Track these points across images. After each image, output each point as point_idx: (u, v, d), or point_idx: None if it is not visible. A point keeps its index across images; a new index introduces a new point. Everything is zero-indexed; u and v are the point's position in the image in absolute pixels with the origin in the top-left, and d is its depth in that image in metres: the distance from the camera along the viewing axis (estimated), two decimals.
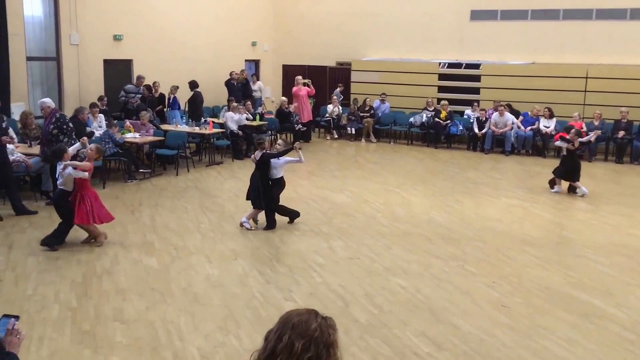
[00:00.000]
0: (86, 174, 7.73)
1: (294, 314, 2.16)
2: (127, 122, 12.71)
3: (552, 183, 11.36)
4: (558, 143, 11.24)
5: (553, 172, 11.31)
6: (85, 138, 9.03)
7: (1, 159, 9.15)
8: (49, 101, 10.05)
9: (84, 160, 8.10)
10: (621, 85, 14.76)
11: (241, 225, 8.79)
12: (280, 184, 8.96)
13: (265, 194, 8.74)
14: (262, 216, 8.93)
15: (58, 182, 7.82)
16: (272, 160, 8.76)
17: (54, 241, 7.81)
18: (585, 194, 10.88)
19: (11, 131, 10.36)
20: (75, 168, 7.70)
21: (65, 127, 9.69)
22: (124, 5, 14.68)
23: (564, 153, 11.28)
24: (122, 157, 11.66)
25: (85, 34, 13.82)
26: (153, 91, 14.57)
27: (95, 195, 7.99)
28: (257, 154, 8.80)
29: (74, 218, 7.76)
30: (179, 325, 5.78)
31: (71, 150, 8.29)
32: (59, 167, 7.76)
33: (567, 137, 11.12)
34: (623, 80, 14.76)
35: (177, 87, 14.87)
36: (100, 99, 13.53)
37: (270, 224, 8.83)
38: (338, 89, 17.94)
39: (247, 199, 8.94)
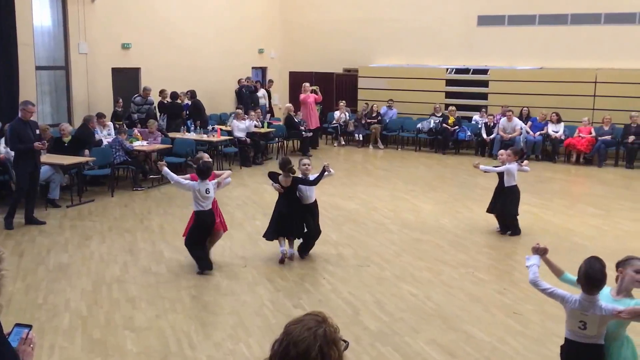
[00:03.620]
0: (229, 179, 7.72)
1: (294, 321, 2.11)
2: (136, 130, 12.75)
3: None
4: (483, 167, 9.17)
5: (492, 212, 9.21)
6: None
7: (34, 165, 9.18)
8: None
9: None
10: (631, 90, 14.67)
11: (283, 259, 7.66)
12: (316, 207, 7.92)
13: (304, 221, 7.73)
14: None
15: (204, 203, 7.18)
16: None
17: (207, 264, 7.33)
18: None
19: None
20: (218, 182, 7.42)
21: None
22: (132, 14, 14.76)
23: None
24: (130, 165, 11.68)
25: (94, 43, 13.90)
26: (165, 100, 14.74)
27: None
28: (286, 180, 7.60)
29: (224, 228, 7.68)
30: (189, 334, 5.76)
31: None
32: (213, 186, 7.25)
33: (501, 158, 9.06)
34: (633, 84, 14.67)
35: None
36: (116, 101, 13.72)
37: (305, 250, 7.91)
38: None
39: (268, 237, 7.73)
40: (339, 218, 9.74)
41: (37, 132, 9.32)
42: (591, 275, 3.90)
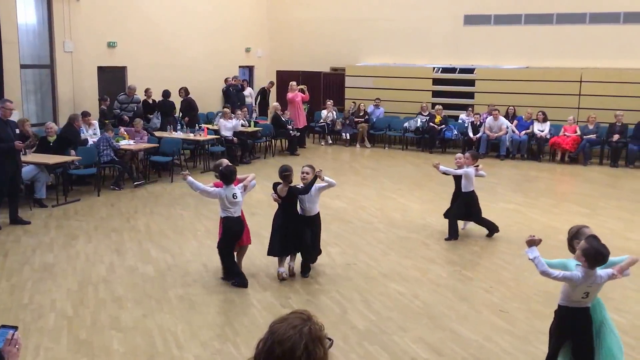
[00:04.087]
0: (254, 181, 7.31)
1: (279, 320, 2.09)
2: (122, 129, 12.67)
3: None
4: (443, 168, 8.65)
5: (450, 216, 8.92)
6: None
7: (15, 165, 9.08)
8: None
9: None
10: (615, 89, 14.82)
11: (280, 277, 7.09)
12: (318, 221, 7.36)
13: (301, 235, 7.13)
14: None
15: (232, 209, 6.86)
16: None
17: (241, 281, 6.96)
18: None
19: None
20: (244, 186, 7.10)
21: None
22: (118, 12, 14.67)
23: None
24: (117, 164, 11.61)
25: (79, 41, 13.79)
26: (147, 98, 14.64)
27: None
28: (282, 189, 7.05)
29: (248, 240, 7.33)
30: (176, 333, 5.74)
31: None
32: (240, 190, 6.95)
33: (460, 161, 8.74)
34: (617, 83, 14.82)
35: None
36: (102, 99, 13.63)
37: (306, 270, 7.30)
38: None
39: (272, 253, 7.22)
40: (326, 217, 9.69)
41: (18, 131, 9.23)
42: (602, 252, 4.38)
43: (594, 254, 4.37)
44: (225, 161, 7.30)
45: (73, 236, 8.66)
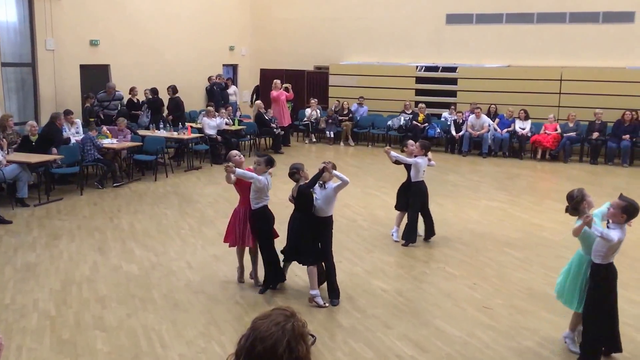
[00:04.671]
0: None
1: (261, 316, 2.08)
2: (104, 128, 12.58)
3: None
4: (394, 154, 8.35)
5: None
6: None
7: None
8: None
9: None
10: (595, 87, 15.02)
11: (311, 301, 6.45)
12: (329, 224, 6.60)
13: (313, 240, 6.53)
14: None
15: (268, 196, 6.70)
16: (319, 192, 6.49)
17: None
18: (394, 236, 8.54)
19: None
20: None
21: None
22: (100, 10, 14.55)
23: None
24: (102, 163, 11.51)
25: (61, 39, 13.66)
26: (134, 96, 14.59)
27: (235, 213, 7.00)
28: (294, 190, 6.54)
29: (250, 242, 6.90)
30: (160, 332, 5.72)
31: None
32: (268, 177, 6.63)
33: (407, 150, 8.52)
34: (597, 82, 15.02)
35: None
36: (88, 97, 13.56)
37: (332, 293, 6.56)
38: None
39: (288, 258, 6.80)
40: None
41: None
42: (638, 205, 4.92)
43: (634, 208, 4.87)
44: (233, 152, 7.03)
45: (56, 235, 8.59)
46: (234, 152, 7.08)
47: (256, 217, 6.66)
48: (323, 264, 6.57)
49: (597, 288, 5.06)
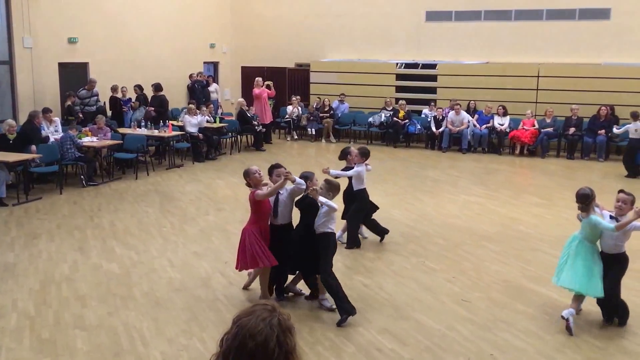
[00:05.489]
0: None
1: (244, 313, 2.08)
2: (85, 128, 12.49)
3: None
4: (334, 172, 7.88)
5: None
6: None
7: None
8: None
9: None
10: (571, 83, 15.22)
11: (321, 304, 6.30)
12: (325, 241, 6.13)
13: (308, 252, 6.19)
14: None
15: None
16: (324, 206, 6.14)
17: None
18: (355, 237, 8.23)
19: None
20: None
21: None
22: (79, 7, 14.42)
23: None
24: (83, 161, 11.43)
25: (39, 37, 13.52)
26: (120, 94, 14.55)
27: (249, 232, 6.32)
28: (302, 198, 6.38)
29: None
30: (141, 330, 5.73)
31: None
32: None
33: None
34: (573, 78, 15.23)
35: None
36: (69, 95, 13.47)
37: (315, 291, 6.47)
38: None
39: (293, 270, 6.55)
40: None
41: None
42: None
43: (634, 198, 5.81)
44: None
45: (35, 235, 8.54)
46: (254, 168, 6.33)
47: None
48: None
49: (622, 270, 5.86)
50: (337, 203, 6.45)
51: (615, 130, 13.44)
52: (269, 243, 6.30)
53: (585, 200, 5.87)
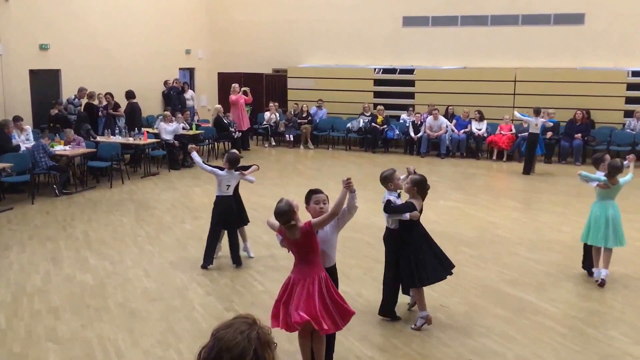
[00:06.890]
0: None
1: (223, 326, 2.06)
2: (57, 137, 12.27)
3: None
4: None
5: None
6: None
7: None
8: None
9: None
10: (547, 88, 15.38)
11: None
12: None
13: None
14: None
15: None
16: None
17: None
18: None
19: None
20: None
21: None
22: (50, 13, 14.19)
23: None
24: (56, 170, 11.21)
25: (9, 43, 13.27)
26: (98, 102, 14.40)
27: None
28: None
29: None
30: (116, 342, 5.60)
31: None
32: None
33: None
34: (549, 82, 15.39)
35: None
36: (56, 103, 13.37)
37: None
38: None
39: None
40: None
41: None
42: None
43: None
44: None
45: (6, 246, 8.33)
46: (294, 202, 5.20)
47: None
48: None
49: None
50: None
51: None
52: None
53: (619, 170, 6.87)
